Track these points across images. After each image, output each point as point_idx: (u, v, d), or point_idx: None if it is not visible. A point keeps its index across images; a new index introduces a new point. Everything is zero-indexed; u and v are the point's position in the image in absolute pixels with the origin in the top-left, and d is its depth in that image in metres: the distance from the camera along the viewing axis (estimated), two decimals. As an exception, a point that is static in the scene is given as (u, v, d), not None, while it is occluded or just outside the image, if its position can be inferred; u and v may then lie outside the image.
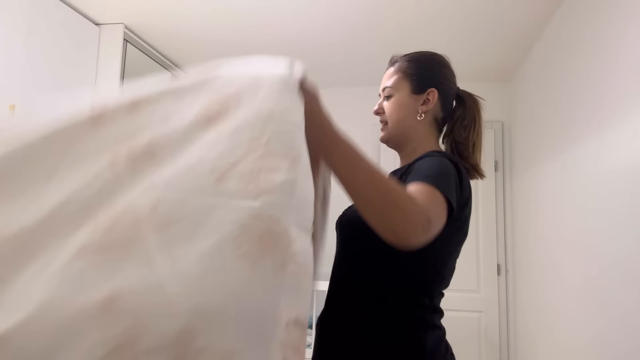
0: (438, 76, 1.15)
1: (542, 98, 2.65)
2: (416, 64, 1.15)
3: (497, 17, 2.51)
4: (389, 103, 1.16)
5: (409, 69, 1.15)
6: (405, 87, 1.14)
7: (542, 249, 2.62)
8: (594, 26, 1.96)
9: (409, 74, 1.15)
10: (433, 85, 1.13)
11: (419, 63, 1.15)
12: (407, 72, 1.15)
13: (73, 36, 2.48)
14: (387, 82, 1.17)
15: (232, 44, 2.95)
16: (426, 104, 1.13)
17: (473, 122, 1.16)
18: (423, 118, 1.13)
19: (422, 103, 1.13)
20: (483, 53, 3.00)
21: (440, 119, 1.17)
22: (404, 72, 1.15)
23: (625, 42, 1.69)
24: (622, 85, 1.71)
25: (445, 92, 1.15)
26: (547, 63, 2.57)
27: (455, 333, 3.32)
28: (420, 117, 1.13)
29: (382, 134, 1.18)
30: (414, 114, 1.13)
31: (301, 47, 2.98)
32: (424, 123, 1.14)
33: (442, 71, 1.17)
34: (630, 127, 1.64)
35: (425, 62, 1.16)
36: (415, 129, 1.14)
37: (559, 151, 2.37)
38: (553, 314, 2.43)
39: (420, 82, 1.13)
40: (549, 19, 2.51)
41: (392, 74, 1.17)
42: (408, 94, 1.14)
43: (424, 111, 1.13)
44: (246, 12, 2.52)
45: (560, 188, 2.35)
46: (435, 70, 1.16)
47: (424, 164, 0.97)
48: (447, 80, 1.16)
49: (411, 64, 1.15)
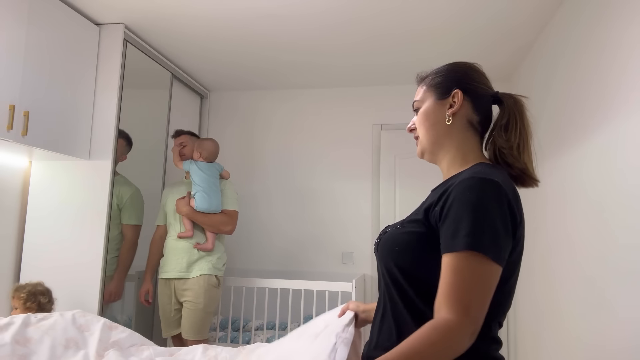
0: (461, 77, 1.13)
1: (542, 98, 2.65)
2: (439, 73, 1.15)
3: (497, 17, 2.51)
4: (418, 116, 1.17)
5: (433, 80, 1.15)
6: (430, 96, 1.14)
7: (543, 249, 2.62)
8: (594, 26, 1.96)
9: (433, 84, 1.15)
10: (456, 86, 1.11)
11: (441, 72, 1.15)
12: (431, 83, 1.15)
13: (73, 36, 2.48)
14: (415, 98, 1.19)
15: (232, 43, 2.95)
16: (452, 106, 1.10)
17: (514, 122, 1.09)
18: (452, 122, 1.10)
19: (449, 107, 1.11)
20: (483, 53, 3.00)
21: (477, 122, 1.11)
22: (429, 83, 1.16)
23: (626, 42, 1.69)
24: (622, 85, 1.71)
25: (474, 93, 1.11)
26: (547, 63, 2.57)
27: (455, 333, 3.33)
28: (449, 122, 1.10)
29: (418, 149, 1.18)
30: (442, 120, 1.11)
31: (301, 47, 2.98)
32: (457, 128, 1.10)
33: (466, 72, 1.14)
34: (631, 126, 1.64)
35: (448, 69, 1.15)
36: (449, 136, 1.11)
37: (559, 151, 2.37)
38: (554, 314, 2.43)
39: (444, 87, 1.12)
40: (549, 19, 2.51)
41: (419, 89, 1.20)
42: (434, 102, 1.13)
43: (451, 114, 1.10)
44: (246, 11, 2.52)
45: (560, 188, 2.35)
46: (458, 72, 1.14)
47: (457, 210, 0.92)
48: (473, 80, 1.13)
49: (435, 75, 1.16)
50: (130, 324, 2.78)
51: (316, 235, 3.67)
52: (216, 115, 3.96)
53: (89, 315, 1.74)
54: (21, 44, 2.15)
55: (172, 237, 2.68)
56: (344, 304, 1.36)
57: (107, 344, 1.61)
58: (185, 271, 2.60)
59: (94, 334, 1.63)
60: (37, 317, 1.67)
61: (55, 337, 1.56)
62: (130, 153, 2.80)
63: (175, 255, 2.63)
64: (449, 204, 0.94)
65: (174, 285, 2.62)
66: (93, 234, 2.52)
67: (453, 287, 0.87)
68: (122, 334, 1.69)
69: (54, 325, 1.61)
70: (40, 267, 2.51)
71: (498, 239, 0.89)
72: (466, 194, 0.92)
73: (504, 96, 1.12)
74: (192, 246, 2.62)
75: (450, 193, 0.95)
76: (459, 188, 0.94)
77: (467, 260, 0.87)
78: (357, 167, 3.67)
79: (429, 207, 0.99)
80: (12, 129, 2.09)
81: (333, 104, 3.79)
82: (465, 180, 0.95)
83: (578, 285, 2.10)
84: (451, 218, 0.91)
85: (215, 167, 2.76)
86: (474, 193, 0.91)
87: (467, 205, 0.90)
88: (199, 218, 2.63)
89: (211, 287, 2.62)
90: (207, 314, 2.61)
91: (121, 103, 2.67)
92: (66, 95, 2.44)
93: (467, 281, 0.86)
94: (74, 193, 2.57)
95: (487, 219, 0.89)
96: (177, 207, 2.64)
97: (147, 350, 1.64)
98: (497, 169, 1.03)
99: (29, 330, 1.55)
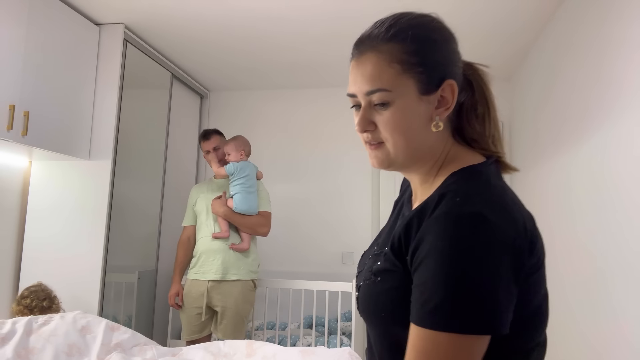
0: (450, 57, 0.77)
1: (542, 98, 2.65)
2: (419, 46, 0.74)
3: (497, 17, 2.51)
4: (387, 115, 0.75)
5: (410, 55, 0.73)
6: (410, 85, 0.73)
7: (542, 249, 2.62)
8: (595, 26, 1.96)
9: (412, 64, 0.73)
10: (448, 74, 0.75)
11: (422, 43, 0.75)
12: (409, 62, 0.73)
13: (73, 36, 2.48)
14: (372, 80, 0.75)
15: (232, 44, 2.95)
16: (443, 105, 0.75)
17: (487, 107, 0.80)
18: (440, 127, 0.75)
19: (437, 106, 0.75)
20: (483, 53, 3.00)
21: (453, 113, 0.79)
22: (403, 61, 0.73)
23: (626, 41, 1.69)
24: (622, 84, 1.71)
25: (459, 79, 0.78)
26: (548, 62, 2.57)
27: (455, 333, 3.33)
28: (437, 128, 0.75)
29: (377, 159, 0.78)
30: (427, 126, 0.75)
31: (302, 47, 2.98)
32: (442, 132, 0.77)
33: (452, 47, 0.78)
34: (631, 125, 1.64)
35: (430, 39, 0.76)
36: (430, 145, 0.77)
37: (559, 151, 2.37)
38: (554, 313, 2.43)
39: (432, 74, 0.74)
40: (549, 19, 2.51)
41: (377, 66, 0.74)
42: (416, 97, 0.74)
43: (443, 117, 0.75)
44: (246, 12, 2.52)
45: (560, 187, 2.35)
46: (444, 50, 0.77)
47: (428, 267, 0.64)
48: (459, 58, 0.79)
49: (412, 46, 0.74)
50: (130, 323, 2.78)
51: (316, 235, 3.67)
52: (216, 115, 3.96)
53: (90, 316, 1.74)
54: (21, 44, 2.15)
55: (205, 237, 2.62)
56: None
57: (109, 347, 1.61)
58: (220, 273, 2.55)
59: (96, 338, 1.62)
60: (39, 321, 1.66)
61: (58, 344, 1.55)
62: (130, 153, 2.80)
63: (209, 256, 2.57)
64: (421, 255, 0.66)
65: (207, 286, 2.56)
66: (93, 233, 2.52)
67: None
68: (124, 335, 1.69)
69: (55, 330, 1.60)
70: (40, 267, 2.51)
71: (485, 303, 0.61)
72: (439, 243, 0.64)
73: (469, 71, 0.81)
74: (227, 247, 2.57)
75: (424, 234, 0.67)
76: (432, 230, 0.66)
77: (435, 341, 0.61)
78: (357, 166, 3.67)
79: (399, 246, 0.72)
80: (12, 129, 2.09)
81: (333, 104, 3.79)
82: (440, 218, 0.66)
83: (578, 285, 2.10)
84: (422, 276, 0.65)
85: (254, 167, 2.74)
86: (447, 242, 0.63)
87: (439, 262, 0.63)
88: (236, 219, 2.58)
89: (248, 291, 2.59)
90: (243, 318, 2.58)
91: (121, 103, 2.67)
92: (66, 95, 2.44)
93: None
94: (74, 193, 2.57)
95: (466, 281, 0.61)
96: (213, 208, 2.59)
97: (150, 350, 1.63)
98: (484, 175, 0.73)
99: (31, 340, 1.54)
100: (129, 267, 2.80)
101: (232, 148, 2.69)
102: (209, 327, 2.62)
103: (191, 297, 2.59)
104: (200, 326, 2.60)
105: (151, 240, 3.02)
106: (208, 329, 2.62)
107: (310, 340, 2.99)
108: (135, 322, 2.81)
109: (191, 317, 2.59)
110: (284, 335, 3.05)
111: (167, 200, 3.20)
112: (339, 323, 2.93)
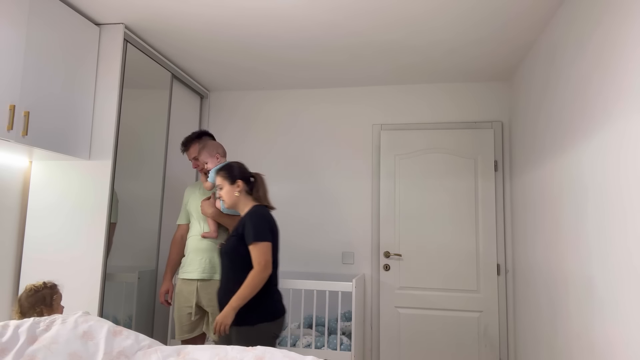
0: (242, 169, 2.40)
1: (542, 98, 2.65)
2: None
3: (498, 17, 2.51)
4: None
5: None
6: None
7: (542, 249, 2.62)
8: (595, 26, 1.96)
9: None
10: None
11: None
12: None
13: (73, 36, 2.48)
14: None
15: (232, 44, 2.95)
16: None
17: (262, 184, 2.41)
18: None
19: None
20: (483, 53, 3.01)
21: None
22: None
23: (626, 42, 1.69)
24: (622, 85, 1.71)
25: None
26: (547, 63, 2.57)
27: (455, 333, 3.34)
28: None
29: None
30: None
31: (302, 47, 2.98)
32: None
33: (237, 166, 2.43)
34: (631, 125, 1.64)
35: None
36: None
37: (558, 151, 2.37)
38: (554, 313, 2.43)
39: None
40: (549, 19, 2.51)
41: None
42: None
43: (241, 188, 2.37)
44: (246, 12, 2.52)
45: (560, 188, 2.35)
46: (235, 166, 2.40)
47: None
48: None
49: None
50: (130, 323, 2.78)
51: (316, 235, 3.67)
52: (216, 115, 3.96)
53: (92, 319, 1.71)
54: (21, 44, 2.15)
55: (194, 236, 2.64)
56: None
57: (111, 356, 1.58)
58: (208, 272, 2.56)
59: (98, 345, 1.59)
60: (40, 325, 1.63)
61: (59, 352, 1.53)
62: (130, 153, 2.81)
63: (198, 255, 2.59)
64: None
65: (197, 286, 2.57)
66: (93, 233, 2.52)
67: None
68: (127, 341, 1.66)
69: (56, 337, 1.58)
70: (40, 267, 2.51)
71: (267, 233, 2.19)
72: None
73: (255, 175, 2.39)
74: (215, 246, 2.59)
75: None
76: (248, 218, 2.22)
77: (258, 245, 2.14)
78: (357, 167, 3.67)
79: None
80: (12, 129, 2.09)
81: (333, 104, 3.79)
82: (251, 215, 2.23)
83: (578, 285, 2.10)
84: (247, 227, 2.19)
85: None
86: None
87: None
88: (224, 220, 2.59)
89: None
90: None
91: (121, 103, 2.67)
92: (66, 95, 2.44)
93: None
94: (74, 193, 2.57)
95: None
96: (202, 209, 2.60)
97: (154, 354, 1.61)
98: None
99: (31, 350, 1.51)
100: (129, 267, 2.80)
101: (206, 156, 2.64)
102: (201, 327, 2.62)
103: (182, 296, 2.60)
104: (191, 326, 2.60)
105: (151, 240, 3.02)
106: (200, 328, 2.62)
107: (310, 340, 2.99)
108: (136, 322, 2.81)
109: (182, 316, 2.60)
110: (284, 335, 3.05)
111: (167, 200, 3.20)
112: (338, 323, 2.93)
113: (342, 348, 2.92)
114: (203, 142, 2.72)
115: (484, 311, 3.35)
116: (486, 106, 3.57)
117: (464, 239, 3.43)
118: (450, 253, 3.43)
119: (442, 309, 3.39)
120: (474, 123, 3.56)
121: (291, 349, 2.94)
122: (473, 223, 3.44)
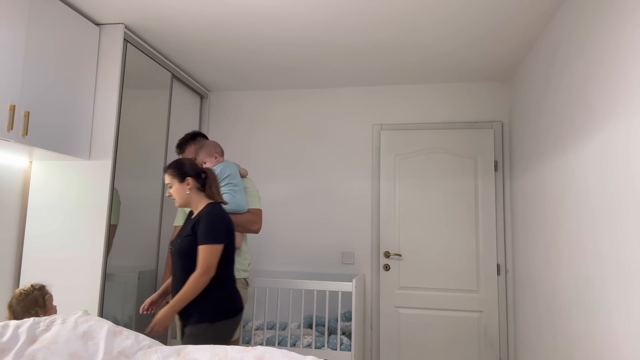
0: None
1: (543, 98, 2.65)
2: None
3: (498, 18, 2.51)
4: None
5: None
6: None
7: (542, 249, 2.62)
8: (595, 26, 1.96)
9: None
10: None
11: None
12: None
13: (73, 36, 2.48)
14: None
15: (232, 44, 2.95)
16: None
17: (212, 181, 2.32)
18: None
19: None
20: (483, 53, 3.01)
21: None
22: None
23: (628, 42, 1.69)
24: (623, 84, 1.71)
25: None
26: (547, 63, 2.57)
27: (455, 333, 3.33)
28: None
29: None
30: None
31: (302, 46, 2.98)
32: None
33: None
34: (630, 127, 1.64)
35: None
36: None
37: (558, 151, 2.37)
38: (554, 314, 2.43)
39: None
40: (550, 19, 2.51)
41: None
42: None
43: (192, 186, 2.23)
44: (246, 12, 2.52)
45: (560, 188, 2.35)
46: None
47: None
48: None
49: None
50: (130, 324, 2.78)
51: (316, 235, 3.67)
52: (216, 115, 3.96)
53: (92, 319, 1.71)
54: (21, 44, 2.15)
55: None
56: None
57: (111, 356, 1.58)
58: None
59: (98, 345, 1.59)
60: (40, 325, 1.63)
61: (59, 353, 1.53)
62: (130, 153, 2.81)
63: None
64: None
65: None
66: (93, 233, 2.52)
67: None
68: (127, 341, 1.66)
69: (56, 337, 1.58)
70: (40, 267, 2.52)
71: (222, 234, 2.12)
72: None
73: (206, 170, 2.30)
74: None
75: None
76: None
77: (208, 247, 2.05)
78: (357, 167, 3.68)
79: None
80: (12, 129, 2.09)
81: (333, 104, 3.79)
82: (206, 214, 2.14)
83: (578, 285, 2.10)
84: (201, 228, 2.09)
85: (234, 165, 2.70)
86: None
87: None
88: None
89: (240, 290, 2.59)
90: None
91: (121, 103, 2.67)
92: (66, 95, 2.44)
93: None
94: (74, 193, 2.57)
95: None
96: None
97: (154, 354, 1.61)
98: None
99: (31, 350, 1.51)
100: (129, 267, 2.80)
101: (204, 155, 2.61)
102: None
103: None
104: None
105: (151, 240, 3.02)
106: None
107: (310, 340, 2.99)
108: (136, 322, 2.81)
109: None
110: (284, 335, 3.05)
111: (167, 200, 3.20)
112: (339, 323, 2.93)
113: (342, 348, 2.92)
114: (199, 142, 2.71)
115: (484, 311, 3.35)
116: (486, 106, 3.57)
117: (464, 239, 3.43)
118: (450, 253, 3.43)
119: (442, 309, 3.39)
120: (474, 123, 3.56)
121: (291, 349, 2.94)
122: (473, 223, 3.44)
